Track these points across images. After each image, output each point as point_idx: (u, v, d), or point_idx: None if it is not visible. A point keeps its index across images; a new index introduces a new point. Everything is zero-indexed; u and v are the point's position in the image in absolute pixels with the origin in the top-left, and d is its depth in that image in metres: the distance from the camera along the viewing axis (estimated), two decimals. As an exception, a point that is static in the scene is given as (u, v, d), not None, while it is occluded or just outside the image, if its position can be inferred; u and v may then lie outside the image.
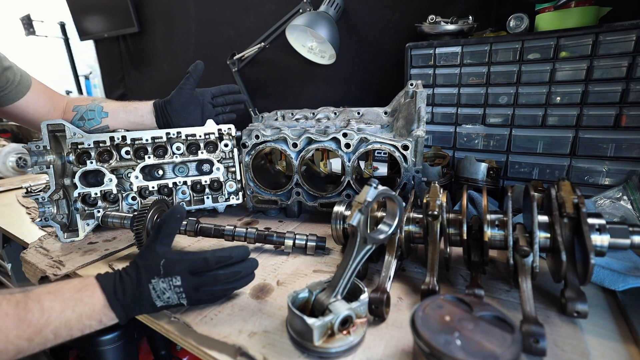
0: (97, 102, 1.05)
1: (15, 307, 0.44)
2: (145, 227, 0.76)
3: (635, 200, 0.82)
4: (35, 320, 0.45)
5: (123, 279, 0.55)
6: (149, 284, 0.55)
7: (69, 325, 0.48)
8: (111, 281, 0.55)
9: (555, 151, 1.00)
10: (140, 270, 0.56)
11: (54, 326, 0.46)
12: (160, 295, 0.56)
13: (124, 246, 0.87)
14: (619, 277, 0.61)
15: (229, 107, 1.12)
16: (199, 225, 0.79)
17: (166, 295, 0.56)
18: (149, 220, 0.78)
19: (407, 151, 0.84)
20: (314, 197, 0.96)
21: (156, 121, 1.05)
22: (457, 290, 0.65)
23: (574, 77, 0.94)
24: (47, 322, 0.46)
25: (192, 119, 1.04)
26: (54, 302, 0.47)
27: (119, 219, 0.82)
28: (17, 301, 0.44)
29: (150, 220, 0.79)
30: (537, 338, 0.47)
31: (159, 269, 0.56)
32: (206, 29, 2.05)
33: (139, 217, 0.76)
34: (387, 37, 1.48)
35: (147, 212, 0.77)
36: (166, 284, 0.56)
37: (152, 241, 0.59)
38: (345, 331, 0.51)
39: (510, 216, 0.59)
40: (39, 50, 3.45)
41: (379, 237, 0.58)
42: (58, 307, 0.47)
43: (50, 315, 0.46)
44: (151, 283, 0.55)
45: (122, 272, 0.57)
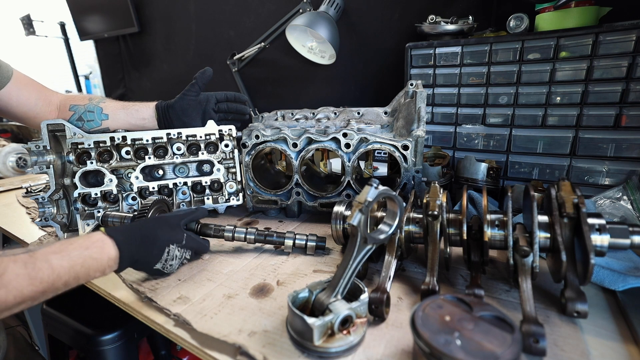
0: (96, 102, 1.02)
1: (25, 267, 0.46)
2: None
3: (635, 200, 0.82)
4: (46, 277, 0.47)
5: (137, 235, 0.61)
6: (167, 247, 0.64)
7: (77, 278, 0.52)
8: (123, 237, 0.59)
9: (555, 151, 1.00)
10: (160, 232, 0.64)
11: (64, 280, 0.50)
12: (167, 260, 0.65)
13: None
14: (619, 277, 0.61)
15: (231, 116, 1.08)
16: (199, 225, 0.79)
17: (171, 262, 0.66)
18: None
19: (407, 151, 0.84)
20: (314, 197, 0.96)
21: (158, 124, 1.04)
22: (457, 290, 0.65)
23: (574, 77, 0.94)
24: (58, 278, 0.49)
25: (194, 125, 1.03)
26: (62, 260, 0.50)
27: (119, 218, 0.82)
28: (25, 262, 0.46)
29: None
30: (537, 338, 0.47)
31: (182, 239, 0.67)
32: (206, 29, 2.05)
33: (139, 217, 0.76)
34: (387, 37, 1.48)
35: (147, 212, 0.77)
36: (180, 253, 0.67)
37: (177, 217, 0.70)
38: (345, 331, 0.51)
39: (510, 216, 0.59)
40: (39, 50, 3.45)
41: (379, 237, 0.58)
42: (66, 264, 0.50)
43: (60, 272, 0.49)
44: (169, 247, 0.65)
45: (135, 229, 0.63)
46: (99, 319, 1.07)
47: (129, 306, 0.65)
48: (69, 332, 1.10)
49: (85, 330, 1.04)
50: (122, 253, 0.58)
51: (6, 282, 0.43)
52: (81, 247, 0.53)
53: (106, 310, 1.09)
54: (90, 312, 1.11)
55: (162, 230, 0.66)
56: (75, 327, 1.07)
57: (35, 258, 0.48)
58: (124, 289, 0.69)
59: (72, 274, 0.50)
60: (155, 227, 0.65)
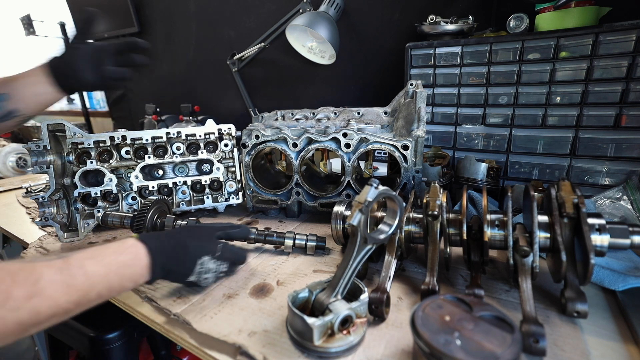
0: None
1: (60, 273, 0.43)
2: (145, 227, 0.76)
3: (635, 200, 0.82)
4: (80, 284, 0.45)
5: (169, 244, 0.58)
6: (200, 258, 0.60)
7: (111, 288, 0.49)
8: (156, 244, 0.56)
9: (555, 151, 1.00)
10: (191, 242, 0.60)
11: (98, 289, 0.47)
12: (201, 273, 0.61)
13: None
14: (619, 277, 0.61)
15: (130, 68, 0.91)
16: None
17: (206, 275, 0.61)
18: (149, 220, 0.78)
19: (407, 151, 0.84)
20: (314, 197, 0.96)
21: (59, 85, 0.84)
22: (457, 290, 0.65)
23: (574, 77, 0.94)
24: (92, 287, 0.46)
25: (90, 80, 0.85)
26: (96, 266, 0.48)
27: (119, 218, 0.82)
28: (60, 267, 0.44)
29: (150, 220, 0.79)
30: (537, 338, 0.47)
31: (215, 250, 0.62)
32: (206, 29, 2.05)
33: (139, 217, 0.76)
34: (387, 37, 1.48)
35: (147, 212, 0.77)
36: (214, 266, 0.62)
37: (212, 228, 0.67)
38: (345, 331, 0.51)
39: (510, 216, 0.59)
40: (39, 50, 3.45)
41: (379, 237, 0.58)
42: (102, 271, 0.48)
43: (94, 280, 0.47)
44: (202, 258, 0.60)
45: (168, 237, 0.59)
46: (99, 319, 1.07)
47: (129, 306, 0.65)
48: (69, 332, 1.09)
49: (85, 330, 1.04)
50: (155, 261, 0.55)
51: (41, 289, 0.41)
52: (115, 252, 0.51)
53: (106, 310, 1.09)
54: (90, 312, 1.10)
55: (193, 240, 0.62)
56: (75, 327, 1.07)
57: (70, 264, 0.45)
58: (123, 288, 0.69)
59: (106, 283, 0.48)
60: (186, 237, 0.61)
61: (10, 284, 0.39)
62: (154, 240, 0.57)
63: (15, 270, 0.40)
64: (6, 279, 0.39)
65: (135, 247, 0.54)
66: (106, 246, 0.52)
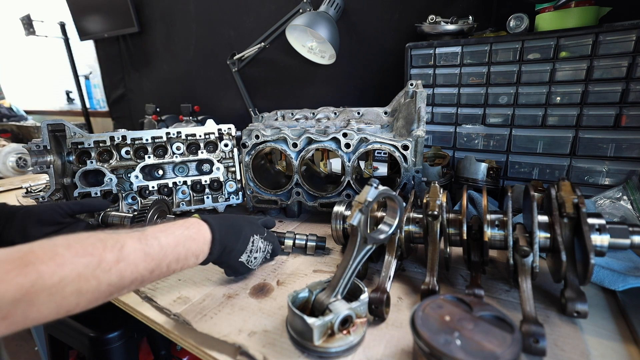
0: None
1: (139, 242, 0.47)
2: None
3: (635, 200, 0.82)
4: (155, 253, 0.48)
5: (225, 223, 0.62)
6: (252, 236, 0.66)
7: (178, 259, 0.52)
8: (215, 221, 0.60)
9: (555, 151, 1.00)
10: (245, 224, 0.66)
11: (168, 260, 0.51)
12: (252, 252, 0.66)
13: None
14: (619, 277, 0.61)
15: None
16: None
17: (256, 254, 0.67)
18: (149, 220, 0.78)
19: (407, 151, 0.84)
20: (314, 197, 0.96)
21: None
22: (457, 290, 0.65)
23: (574, 77, 0.94)
24: (165, 256, 0.50)
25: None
26: (168, 238, 0.51)
27: (119, 218, 0.82)
28: (139, 237, 0.48)
29: (150, 220, 0.78)
30: (537, 338, 0.47)
31: (264, 232, 0.70)
32: (206, 29, 2.05)
33: (139, 216, 0.76)
34: (387, 37, 1.48)
35: (147, 212, 0.77)
36: (263, 246, 0.69)
37: (254, 217, 0.73)
38: (345, 331, 0.51)
39: (510, 216, 0.59)
40: (39, 50, 3.45)
41: (379, 237, 0.58)
42: (172, 243, 0.51)
43: (167, 250, 0.50)
44: (254, 237, 0.67)
45: (223, 218, 0.63)
46: (99, 319, 1.07)
47: (129, 306, 0.65)
48: (69, 332, 1.10)
49: (85, 330, 1.04)
50: (215, 236, 0.58)
51: (126, 255, 0.45)
52: (182, 226, 0.55)
53: (106, 310, 1.09)
54: (90, 312, 1.10)
55: (245, 221, 0.68)
56: (75, 327, 1.07)
57: (146, 235, 0.49)
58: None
59: (175, 253, 0.51)
60: (239, 219, 0.67)
61: (103, 249, 0.43)
62: (212, 219, 0.60)
63: (104, 238, 0.44)
64: (98, 244, 0.43)
65: (198, 224, 0.58)
66: (172, 223, 0.56)
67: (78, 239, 0.42)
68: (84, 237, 0.43)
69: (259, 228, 0.70)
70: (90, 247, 0.42)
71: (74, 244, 0.41)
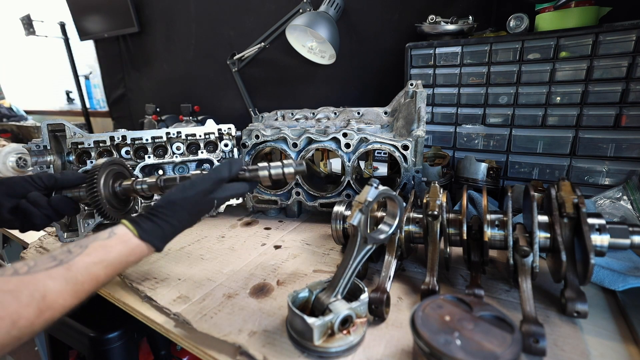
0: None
1: (66, 283, 0.43)
2: (101, 194, 0.67)
3: (635, 200, 0.82)
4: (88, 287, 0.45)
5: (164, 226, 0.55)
6: (198, 219, 0.60)
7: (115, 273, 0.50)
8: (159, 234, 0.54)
9: (555, 151, 1.00)
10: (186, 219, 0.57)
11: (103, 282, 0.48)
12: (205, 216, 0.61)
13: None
14: (619, 277, 0.61)
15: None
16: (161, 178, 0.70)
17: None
18: (104, 185, 0.68)
19: (407, 151, 0.84)
20: (314, 197, 0.96)
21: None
22: (457, 290, 0.65)
23: (574, 77, 0.94)
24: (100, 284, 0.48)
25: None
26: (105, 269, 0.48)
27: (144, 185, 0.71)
28: (65, 278, 0.43)
29: (106, 186, 0.69)
30: (537, 338, 0.47)
31: (213, 205, 0.60)
32: (206, 29, 2.05)
33: (90, 187, 0.66)
34: (387, 37, 1.48)
35: (96, 180, 0.66)
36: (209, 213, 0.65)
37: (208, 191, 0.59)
38: (345, 331, 0.51)
39: (510, 216, 0.59)
40: (39, 50, 3.45)
41: (379, 237, 0.58)
42: (110, 272, 0.49)
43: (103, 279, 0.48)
44: (200, 219, 0.61)
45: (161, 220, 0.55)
46: (99, 319, 1.07)
47: (129, 306, 0.65)
48: (69, 332, 1.09)
49: (85, 330, 1.04)
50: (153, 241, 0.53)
51: (51, 302, 0.41)
52: (121, 254, 0.50)
53: (106, 310, 1.09)
54: (90, 312, 1.10)
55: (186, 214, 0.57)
56: (75, 327, 1.07)
57: (76, 271, 0.44)
58: (123, 288, 0.69)
59: (111, 274, 0.49)
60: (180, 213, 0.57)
61: (17, 306, 0.38)
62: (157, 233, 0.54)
63: (16, 289, 0.39)
64: (11, 302, 0.38)
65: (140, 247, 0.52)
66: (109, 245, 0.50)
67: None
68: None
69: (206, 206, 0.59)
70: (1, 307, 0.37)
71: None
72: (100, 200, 0.66)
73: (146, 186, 0.70)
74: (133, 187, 0.70)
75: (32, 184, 0.66)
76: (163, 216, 0.55)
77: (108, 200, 0.69)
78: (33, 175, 0.67)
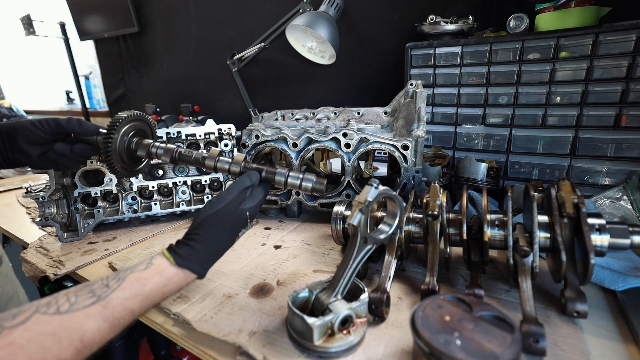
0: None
1: (104, 321, 0.43)
2: (116, 146, 0.65)
3: (635, 200, 0.82)
4: (125, 322, 0.46)
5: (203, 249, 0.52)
6: (237, 237, 0.58)
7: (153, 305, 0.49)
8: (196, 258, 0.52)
9: (555, 151, 1.00)
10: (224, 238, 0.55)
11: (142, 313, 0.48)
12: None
13: (124, 246, 0.87)
14: (619, 277, 0.61)
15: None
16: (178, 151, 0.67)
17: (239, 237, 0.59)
18: (121, 138, 0.66)
19: (407, 151, 0.84)
20: (314, 197, 0.96)
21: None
22: (457, 290, 0.65)
23: (574, 77, 0.94)
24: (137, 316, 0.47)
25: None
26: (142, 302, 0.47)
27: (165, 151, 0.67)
28: (102, 316, 0.43)
29: (122, 139, 0.66)
30: (537, 338, 0.47)
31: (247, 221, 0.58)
32: (206, 29, 2.05)
33: (106, 139, 0.63)
34: (387, 37, 1.48)
35: (116, 129, 0.64)
36: (246, 229, 0.60)
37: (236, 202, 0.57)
38: (345, 331, 0.51)
39: (510, 216, 0.59)
40: (39, 50, 3.45)
41: (379, 237, 0.58)
42: (146, 305, 0.47)
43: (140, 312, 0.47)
44: (238, 236, 0.59)
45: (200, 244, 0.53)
46: (98, 319, 1.08)
47: (129, 306, 0.65)
48: (68, 332, 1.10)
49: (85, 330, 1.04)
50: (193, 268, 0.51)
51: (88, 342, 0.41)
52: (157, 285, 0.48)
53: (106, 310, 1.09)
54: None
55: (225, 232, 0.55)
56: (75, 327, 1.07)
57: (112, 308, 0.44)
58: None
59: (149, 306, 0.48)
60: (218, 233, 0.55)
61: (58, 349, 0.38)
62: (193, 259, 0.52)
63: (57, 331, 0.39)
64: (52, 345, 0.38)
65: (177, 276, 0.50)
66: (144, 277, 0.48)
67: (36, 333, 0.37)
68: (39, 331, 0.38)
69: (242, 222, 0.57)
70: (44, 351, 0.37)
71: (30, 345, 0.36)
72: (111, 152, 0.64)
73: (162, 151, 0.66)
74: (149, 148, 0.67)
75: (42, 129, 0.65)
76: (199, 237, 0.53)
77: (119, 154, 0.66)
78: (41, 120, 0.66)
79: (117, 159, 0.66)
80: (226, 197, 0.57)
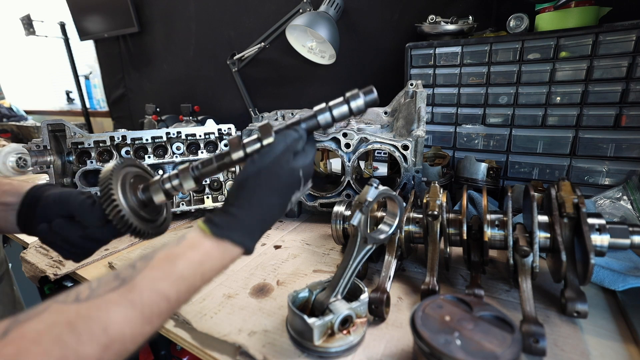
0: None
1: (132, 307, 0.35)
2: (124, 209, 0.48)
3: (635, 200, 0.82)
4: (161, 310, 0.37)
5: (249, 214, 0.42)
6: (290, 203, 0.46)
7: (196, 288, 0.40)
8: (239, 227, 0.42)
9: (555, 151, 1.00)
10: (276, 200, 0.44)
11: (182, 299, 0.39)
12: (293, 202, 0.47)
13: (124, 246, 0.87)
14: (619, 277, 0.61)
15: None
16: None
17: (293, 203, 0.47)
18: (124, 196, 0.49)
19: (407, 151, 0.84)
20: (314, 197, 0.96)
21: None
22: (457, 290, 0.65)
23: (574, 77, 0.94)
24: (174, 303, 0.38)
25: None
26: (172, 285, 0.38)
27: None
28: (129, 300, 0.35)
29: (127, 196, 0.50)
30: (537, 338, 0.47)
31: (300, 182, 0.46)
32: (206, 29, 2.05)
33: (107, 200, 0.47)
34: (387, 37, 1.48)
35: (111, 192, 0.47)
36: (300, 193, 0.47)
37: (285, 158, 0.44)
38: (345, 331, 0.51)
39: (510, 216, 0.59)
40: (39, 50, 3.45)
41: (379, 237, 0.58)
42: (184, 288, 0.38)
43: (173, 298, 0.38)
44: (292, 202, 0.46)
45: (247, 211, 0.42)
46: (98, 319, 1.07)
47: (129, 306, 0.65)
48: (68, 332, 1.10)
49: (85, 330, 1.04)
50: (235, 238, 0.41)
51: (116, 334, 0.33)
52: (192, 262, 0.39)
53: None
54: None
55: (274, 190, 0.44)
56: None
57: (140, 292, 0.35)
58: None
59: (188, 290, 0.39)
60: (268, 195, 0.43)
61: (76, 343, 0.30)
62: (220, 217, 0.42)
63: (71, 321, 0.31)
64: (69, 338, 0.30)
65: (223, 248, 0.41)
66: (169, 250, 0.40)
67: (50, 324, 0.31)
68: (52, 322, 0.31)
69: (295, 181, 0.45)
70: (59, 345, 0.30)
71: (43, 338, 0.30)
72: (125, 216, 0.48)
73: (177, 181, 0.50)
74: (161, 186, 0.51)
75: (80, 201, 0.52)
76: (239, 202, 0.42)
77: (135, 213, 0.50)
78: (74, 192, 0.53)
79: (139, 223, 0.50)
80: (272, 151, 0.44)
